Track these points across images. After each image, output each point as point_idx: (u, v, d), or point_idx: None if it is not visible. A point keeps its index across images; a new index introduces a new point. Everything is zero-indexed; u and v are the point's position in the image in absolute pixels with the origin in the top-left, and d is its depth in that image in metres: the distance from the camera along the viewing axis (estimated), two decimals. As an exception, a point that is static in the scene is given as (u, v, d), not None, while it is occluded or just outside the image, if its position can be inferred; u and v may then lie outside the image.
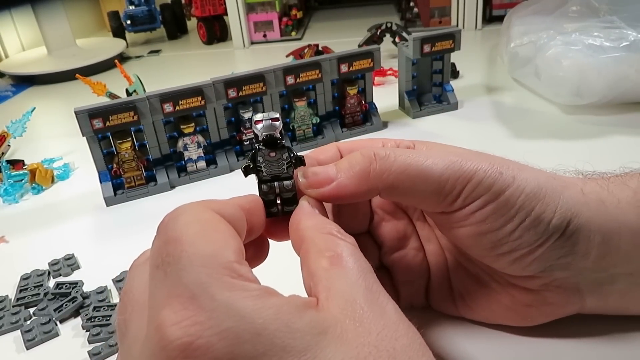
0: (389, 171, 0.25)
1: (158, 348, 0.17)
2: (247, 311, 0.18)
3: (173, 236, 0.20)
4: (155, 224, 0.22)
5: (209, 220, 0.21)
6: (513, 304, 0.29)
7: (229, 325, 0.17)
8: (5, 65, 1.10)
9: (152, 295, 0.19)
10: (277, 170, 0.25)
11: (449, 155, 0.26)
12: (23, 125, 0.67)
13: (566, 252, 0.26)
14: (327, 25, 1.26)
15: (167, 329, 0.17)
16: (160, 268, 0.19)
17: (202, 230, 0.20)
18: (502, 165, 0.26)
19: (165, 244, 0.20)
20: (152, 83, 0.70)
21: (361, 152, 0.26)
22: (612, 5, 0.65)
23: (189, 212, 0.21)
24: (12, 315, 0.39)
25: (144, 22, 1.21)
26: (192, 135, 0.57)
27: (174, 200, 0.55)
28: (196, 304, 0.18)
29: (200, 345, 0.17)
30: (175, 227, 0.20)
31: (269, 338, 0.17)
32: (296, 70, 0.58)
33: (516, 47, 0.72)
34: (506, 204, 0.25)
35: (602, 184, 0.28)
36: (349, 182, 0.25)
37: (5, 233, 0.52)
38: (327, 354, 0.18)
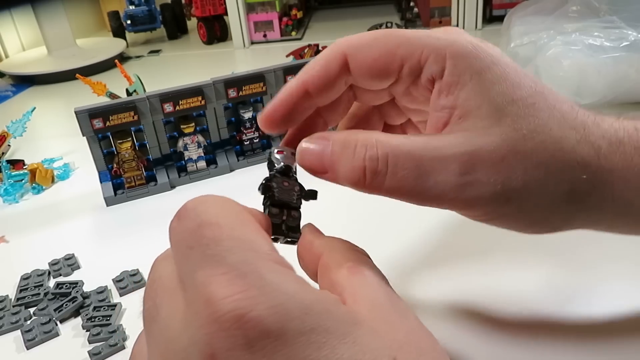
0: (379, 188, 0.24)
1: (210, 320, 0.17)
2: (294, 291, 0.18)
3: (208, 220, 0.20)
4: (155, 224, 0.22)
5: (241, 210, 0.22)
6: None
7: (280, 302, 0.18)
8: (5, 65, 1.10)
9: (190, 276, 0.19)
10: (287, 198, 0.26)
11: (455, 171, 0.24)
12: (23, 125, 0.67)
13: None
14: (327, 25, 1.26)
15: (218, 302, 0.17)
16: (197, 249, 0.19)
17: (238, 218, 0.21)
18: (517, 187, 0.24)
19: (200, 227, 0.20)
20: (152, 83, 0.70)
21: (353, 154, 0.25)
22: (612, 5, 0.65)
23: (219, 200, 0.22)
24: (12, 315, 0.39)
25: (144, 22, 1.21)
26: (192, 135, 0.57)
27: (174, 200, 0.55)
28: (245, 281, 0.18)
29: (252, 317, 0.17)
30: (208, 211, 0.21)
31: (315, 318, 0.18)
32: (296, 70, 0.58)
33: (516, 47, 0.72)
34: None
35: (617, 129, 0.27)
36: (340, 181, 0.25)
37: (5, 233, 0.52)
38: (365, 341, 0.18)
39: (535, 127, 0.24)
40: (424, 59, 0.25)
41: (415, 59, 0.25)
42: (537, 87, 0.25)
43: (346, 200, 0.26)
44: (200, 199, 0.22)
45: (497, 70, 0.25)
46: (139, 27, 1.22)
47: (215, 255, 0.19)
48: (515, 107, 0.24)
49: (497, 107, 0.24)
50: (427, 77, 0.26)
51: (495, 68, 0.25)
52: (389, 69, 0.26)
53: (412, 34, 0.26)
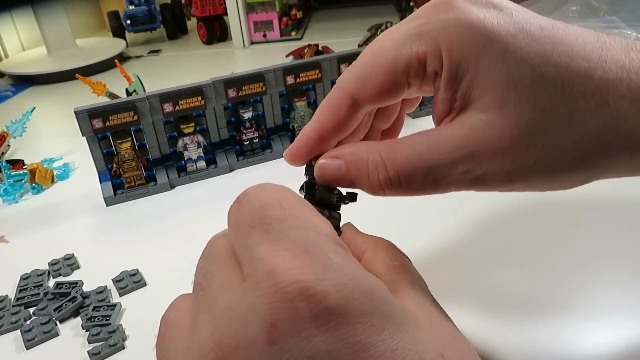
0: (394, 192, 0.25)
1: (272, 291, 0.17)
2: (358, 274, 0.18)
3: (270, 202, 0.20)
4: (155, 224, 0.22)
5: (299, 197, 0.22)
6: None
7: (344, 281, 0.18)
8: (5, 65, 1.10)
9: (250, 251, 0.19)
10: (328, 198, 0.26)
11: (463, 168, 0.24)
12: (23, 125, 0.67)
13: None
14: (327, 25, 1.26)
15: (283, 273, 0.17)
16: (259, 228, 0.19)
17: (298, 202, 0.21)
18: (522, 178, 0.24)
19: (262, 208, 0.20)
20: (152, 83, 0.70)
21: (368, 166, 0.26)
22: (612, 5, 0.65)
23: (278, 187, 0.21)
24: (12, 315, 0.39)
25: (144, 22, 1.21)
26: (192, 135, 0.57)
27: (174, 200, 0.55)
28: (310, 257, 0.18)
29: (317, 292, 0.17)
30: (270, 194, 0.21)
31: (375, 302, 0.18)
32: (296, 70, 0.58)
33: (516, 47, 0.72)
34: None
35: None
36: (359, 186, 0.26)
37: (5, 233, 0.52)
38: (416, 334, 0.18)
39: (542, 107, 0.23)
40: (422, 58, 0.25)
41: (415, 62, 0.25)
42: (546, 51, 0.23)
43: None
44: (260, 185, 0.21)
45: (498, 46, 0.24)
46: (139, 27, 1.22)
47: (278, 232, 0.19)
48: (517, 90, 0.23)
49: (497, 96, 0.23)
50: (431, 74, 0.25)
51: (495, 45, 0.24)
52: (397, 85, 0.26)
53: (400, 35, 0.26)
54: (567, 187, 0.25)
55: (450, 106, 0.25)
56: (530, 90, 0.23)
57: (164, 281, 0.42)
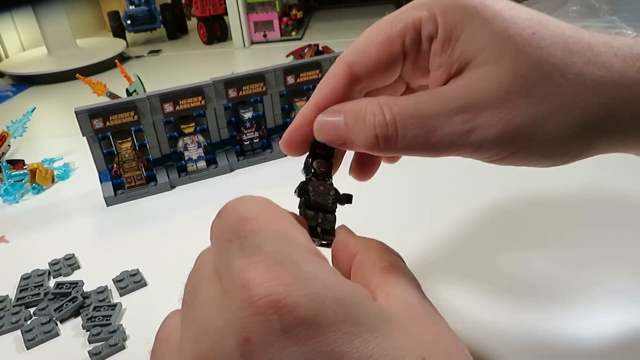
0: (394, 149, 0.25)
1: (245, 305, 0.18)
2: (329, 281, 0.18)
3: (247, 215, 0.20)
4: (155, 224, 0.22)
5: (278, 207, 0.22)
6: None
7: (315, 290, 0.18)
8: (5, 65, 1.10)
9: (227, 265, 0.19)
10: (323, 202, 0.27)
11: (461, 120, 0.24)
12: (23, 125, 0.67)
13: None
14: (327, 25, 1.26)
15: (255, 286, 0.18)
16: (235, 242, 0.20)
17: (275, 213, 0.21)
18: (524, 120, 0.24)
19: (239, 221, 0.20)
20: (152, 83, 0.70)
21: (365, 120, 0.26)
22: (612, 5, 0.65)
23: (257, 199, 0.22)
24: (13, 315, 0.39)
25: (144, 22, 1.21)
26: (192, 135, 0.57)
27: (174, 200, 0.55)
28: (282, 268, 0.18)
29: (288, 303, 0.17)
30: (247, 208, 0.21)
31: (347, 309, 0.18)
32: (296, 70, 0.58)
33: (516, 47, 0.72)
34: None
35: None
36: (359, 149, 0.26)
37: (5, 233, 0.52)
38: (395, 337, 0.18)
39: (537, 58, 0.24)
40: (417, 23, 0.26)
41: (411, 27, 0.26)
42: (534, 17, 0.25)
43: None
44: (239, 199, 0.22)
45: (488, 11, 0.25)
46: (139, 27, 1.22)
47: (252, 245, 0.19)
48: (512, 43, 0.24)
49: (493, 50, 0.24)
50: (426, 39, 0.26)
51: (485, 10, 0.25)
52: (393, 52, 0.27)
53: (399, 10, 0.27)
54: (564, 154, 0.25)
55: (448, 72, 0.26)
56: (526, 42, 0.24)
57: (165, 281, 0.42)
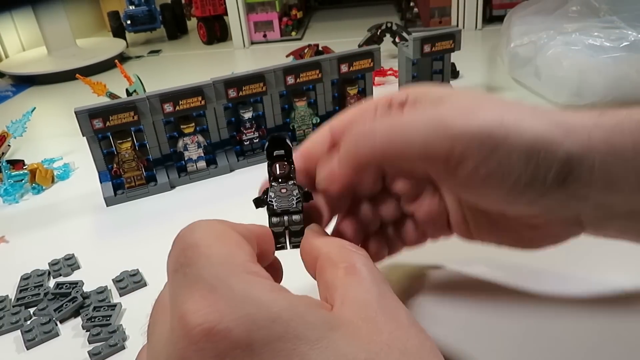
0: (373, 146, 0.26)
1: (182, 335, 0.18)
2: (263, 300, 0.19)
3: (190, 243, 0.21)
4: (155, 224, 0.22)
5: (223, 230, 0.23)
6: (518, 237, 0.30)
7: (246, 312, 0.18)
8: (5, 65, 1.10)
9: (173, 295, 0.20)
10: (287, 205, 0.27)
11: (435, 116, 0.26)
12: (23, 125, 0.67)
13: (567, 198, 0.26)
14: (327, 25, 1.26)
15: (189, 316, 0.18)
16: (179, 271, 0.20)
17: (217, 237, 0.22)
18: (496, 119, 0.25)
19: (183, 250, 0.21)
20: (152, 83, 0.70)
21: (347, 134, 0.27)
22: (612, 5, 0.65)
23: (204, 224, 0.23)
24: (12, 315, 0.39)
25: (144, 22, 1.22)
26: (192, 135, 0.57)
27: (174, 200, 0.55)
28: (216, 294, 0.19)
29: (220, 330, 0.18)
30: (192, 235, 0.22)
31: (283, 325, 0.18)
32: (296, 70, 0.58)
33: (516, 47, 0.72)
34: (498, 164, 0.24)
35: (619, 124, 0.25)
36: (344, 169, 0.27)
37: (5, 233, 0.52)
38: (339, 345, 0.18)
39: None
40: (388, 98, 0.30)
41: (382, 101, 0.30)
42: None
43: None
44: (189, 226, 0.23)
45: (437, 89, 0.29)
46: (139, 27, 1.22)
47: (192, 274, 0.20)
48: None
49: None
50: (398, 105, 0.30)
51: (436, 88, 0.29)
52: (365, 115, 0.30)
53: None
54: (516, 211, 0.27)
55: None
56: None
57: (164, 281, 0.42)
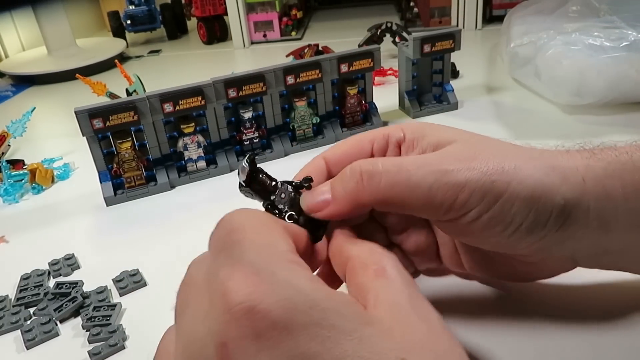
0: (377, 189, 0.26)
1: (223, 312, 0.19)
2: (303, 287, 0.20)
3: (236, 227, 0.22)
4: (155, 224, 0.22)
5: (267, 218, 0.24)
6: (512, 272, 0.31)
7: (287, 296, 0.19)
8: (5, 65, 1.10)
9: (214, 275, 0.20)
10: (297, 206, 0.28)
11: (440, 164, 0.26)
12: (23, 125, 0.67)
13: (564, 239, 0.27)
14: (327, 25, 1.26)
15: (232, 294, 0.19)
16: (224, 252, 0.21)
17: (262, 224, 0.23)
18: (497, 167, 0.26)
19: (229, 232, 0.22)
20: (152, 83, 0.70)
21: (349, 170, 0.27)
22: (612, 5, 0.65)
23: (249, 211, 0.24)
24: (12, 315, 0.39)
25: (144, 22, 1.22)
26: (192, 135, 0.57)
27: (174, 200, 0.55)
28: (259, 276, 0.19)
29: (260, 310, 0.18)
30: (238, 220, 0.23)
31: (320, 313, 0.19)
32: (296, 70, 0.58)
33: (516, 47, 0.72)
34: (501, 212, 0.25)
35: (609, 167, 0.27)
36: (341, 205, 0.27)
37: (5, 233, 0.52)
38: (373, 340, 0.19)
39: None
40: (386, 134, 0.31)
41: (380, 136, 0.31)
42: None
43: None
44: (234, 212, 0.24)
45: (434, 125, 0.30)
46: (139, 27, 1.22)
47: (235, 255, 0.21)
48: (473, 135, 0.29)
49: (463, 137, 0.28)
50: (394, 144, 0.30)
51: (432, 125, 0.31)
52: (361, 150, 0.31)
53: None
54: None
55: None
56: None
57: (164, 281, 0.42)
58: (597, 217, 0.26)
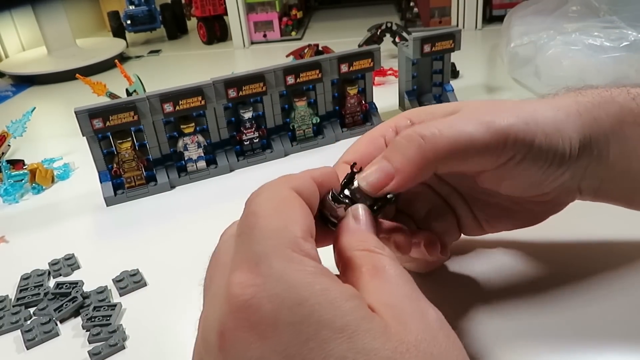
0: (438, 149, 0.27)
1: (226, 300, 0.20)
2: (296, 282, 0.19)
3: (252, 210, 0.22)
4: (155, 224, 0.22)
5: (285, 197, 0.23)
6: (530, 215, 0.33)
7: (277, 291, 0.19)
8: (5, 65, 1.10)
9: (233, 259, 0.21)
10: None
11: (479, 117, 0.28)
12: (23, 125, 0.67)
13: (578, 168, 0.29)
14: (327, 25, 1.26)
15: (232, 286, 0.20)
16: (240, 236, 0.22)
17: (277, 206, 0.22)
18: (521, 112, 0.28)
19: (247, 216, 0.22)
20: (152, 83, 0.70)
21: (405, 138, 0.27)
22: (612, 5, 0.65)
23: (269, 189, 0.23)
24: (12, 315, 0.39)
25: (144, 22, 1.21)
26: (192, 135, 0.57)
27: (174, 200, 0.55)
28: (258, 269, 0.20)
29: (252, 304, 0.19)
30: (256, 202, 0.23)
31: (308, 310, 0.19)
32: (296, 70, 0.58)
33: (516, 47, 0.72)
34: (539, 149, 0.28)
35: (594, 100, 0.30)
36: (407, 172, 0.27)
37: (5, 233, 0.52)
38: (365, 338, 0.19)
39: None
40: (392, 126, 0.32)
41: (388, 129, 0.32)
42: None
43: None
44: (258, 190, 0.24)
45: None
46: (139, 27, 1.22)
47: (246, 242, 0.21)
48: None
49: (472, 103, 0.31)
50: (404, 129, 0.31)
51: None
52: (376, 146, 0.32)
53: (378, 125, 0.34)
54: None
55: None
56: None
57: (165, 281, 0.42)
58: (595, 146, 0.29)
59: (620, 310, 0.33)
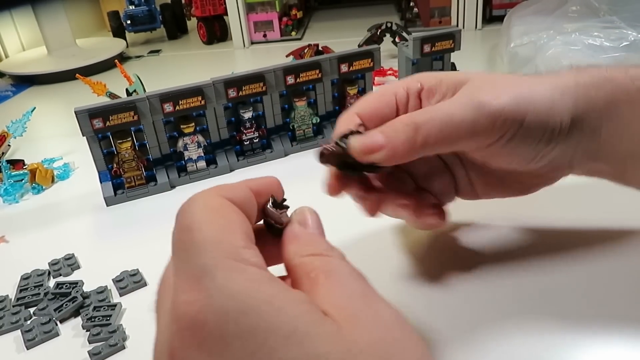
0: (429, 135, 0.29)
1: (173, 320, 0.19)
2: (239, 291, 0.19)
3: (185, 224, 0.22)
4: (155, 224, 0.22)
5: (218, 207, 0.22)
6: (522, 186, 0.35)
7: (221, 304, 0.19)
8: (5, 65, 1.10)
9: (175, 277, 0.21)
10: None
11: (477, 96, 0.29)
12: (23, 125, 0.67)
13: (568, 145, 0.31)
14: (327, 25, 1.26)
15: (178, 306, 0.19)
16: (176, 254, 0.21)
17: (210, 218, 0.22)
18: (517, 92, 0.30)
19: (179, 231, 0.22)
20: (152, 83, 0.70)
21: (401, 124, 0.29)
22: (612, 5, 0.65)
23: (200, 200, 0.23)
24: (12, 315, 0.39)
25: (144, 22, 1.22)
26: (192, 135, 0.57)
27: (174, 200, 0.55)
28: (200, 284, 0.19)
29: (198, 320, 0.19)
30: (187, 215, 0.22)
31: (253, 318, 0.18)
32: (296, 70, 0.58)
33: (516, 47, 0.72)
34: (528, 129, 0.29)
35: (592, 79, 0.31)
36: (394, 151, 0.29)
37: (5, 233, 0.52)
38: (315, 343, 0.18)
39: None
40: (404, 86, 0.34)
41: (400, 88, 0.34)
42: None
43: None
44: (187, 202, 0.23)
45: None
46: (139, 27, 1.22)
47: (184, 259, 0.21)
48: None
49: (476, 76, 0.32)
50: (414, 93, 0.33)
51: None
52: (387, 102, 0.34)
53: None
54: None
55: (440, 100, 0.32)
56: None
57: (164, 281, 0.42)
58: (588, 124, 0.30)
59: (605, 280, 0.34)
